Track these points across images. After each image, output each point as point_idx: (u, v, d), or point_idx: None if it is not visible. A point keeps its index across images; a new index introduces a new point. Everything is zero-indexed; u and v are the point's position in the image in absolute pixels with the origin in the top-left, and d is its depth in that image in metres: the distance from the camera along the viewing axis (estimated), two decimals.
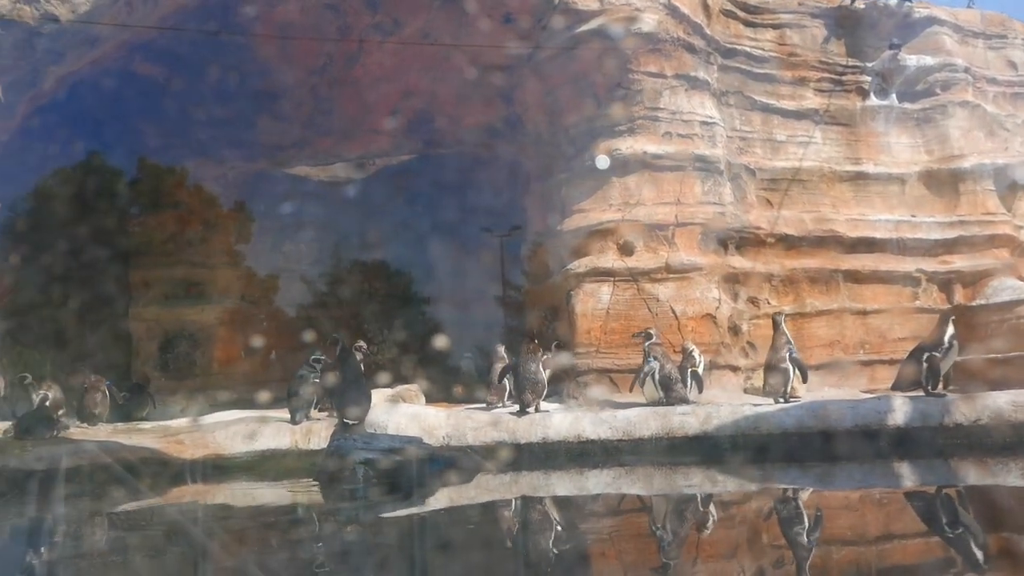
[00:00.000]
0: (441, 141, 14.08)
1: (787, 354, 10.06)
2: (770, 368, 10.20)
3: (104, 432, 9.78)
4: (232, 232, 14.47)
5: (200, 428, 9.58)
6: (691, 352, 10.43)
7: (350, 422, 8.17)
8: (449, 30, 11.53)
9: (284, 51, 11.73)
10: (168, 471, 8.21)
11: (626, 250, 11.67)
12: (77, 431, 9.91)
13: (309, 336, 13.26)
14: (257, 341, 14.39)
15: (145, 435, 9.43)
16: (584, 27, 11.36)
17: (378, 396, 9.94)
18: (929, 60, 14.04)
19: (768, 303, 12.65)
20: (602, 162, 11.45)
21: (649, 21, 11.36)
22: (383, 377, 12.32)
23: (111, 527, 6.54)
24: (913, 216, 13.53)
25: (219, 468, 8.55)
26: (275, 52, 11.76)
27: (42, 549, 5.62)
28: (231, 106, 12.60)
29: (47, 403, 10.16)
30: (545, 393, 9.96)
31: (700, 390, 10.22)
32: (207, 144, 13.33)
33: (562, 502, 7.32)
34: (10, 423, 9.48)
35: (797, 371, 10.08)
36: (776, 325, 10.58)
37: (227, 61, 11.66)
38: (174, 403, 13.12)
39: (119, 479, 7.74)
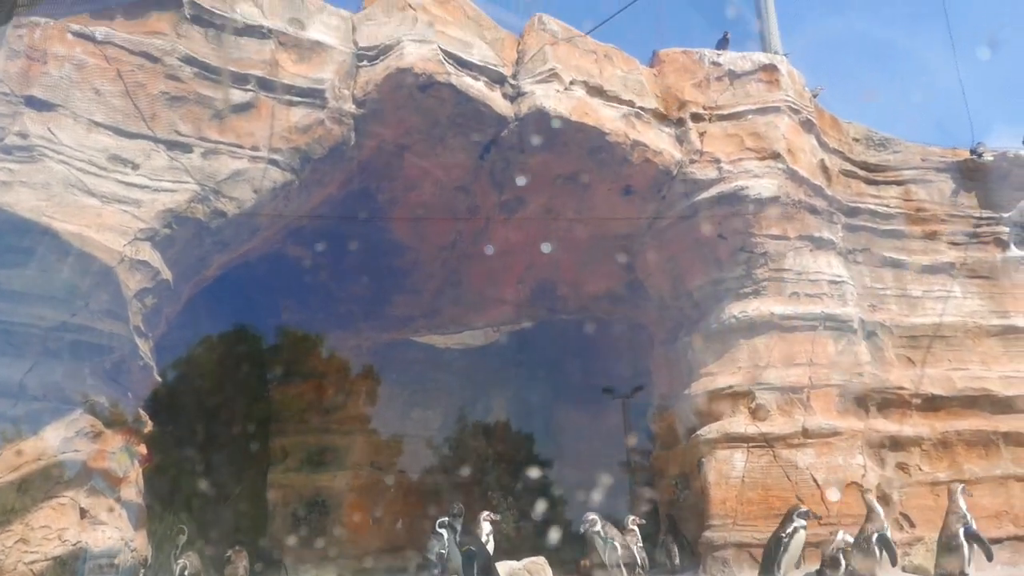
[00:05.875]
0: (564, 308, 14.40)
1: (961, 529, 9.13)
2: (943, 546, 9.26)
3: None
4: (364, 400, 15.00)
5: None
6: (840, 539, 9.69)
7: None
8: (571, 204, 12.09)
9: (418, 229, 12.58)
10: None
11: (759, 414, 11.27)
12: None
13: (435, 505, 13.28)
14: (385, 508, 14.50)
15: None
16: (703, 195, 11.65)
17: (504, 569, 9.68)
18: None
19: (920, 469, 11.76)
20: None
21: (768, 186, 11.53)
22: (508, 548, 12.04)
23: None
24: None
25: None
26: (409, 231, 12.64)
27: None
28: (368, 281, 13.48)
29: (186, 572, 10.46)
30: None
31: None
32: (345, 317, 14.18)
33: None
34: None
35: (977, 548, 9.09)
36: (951, 495, 9.72)
37: (366, 241, 12.59)
38: (305, 571, 13.22)
39: None
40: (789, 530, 9.35)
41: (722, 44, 12.81)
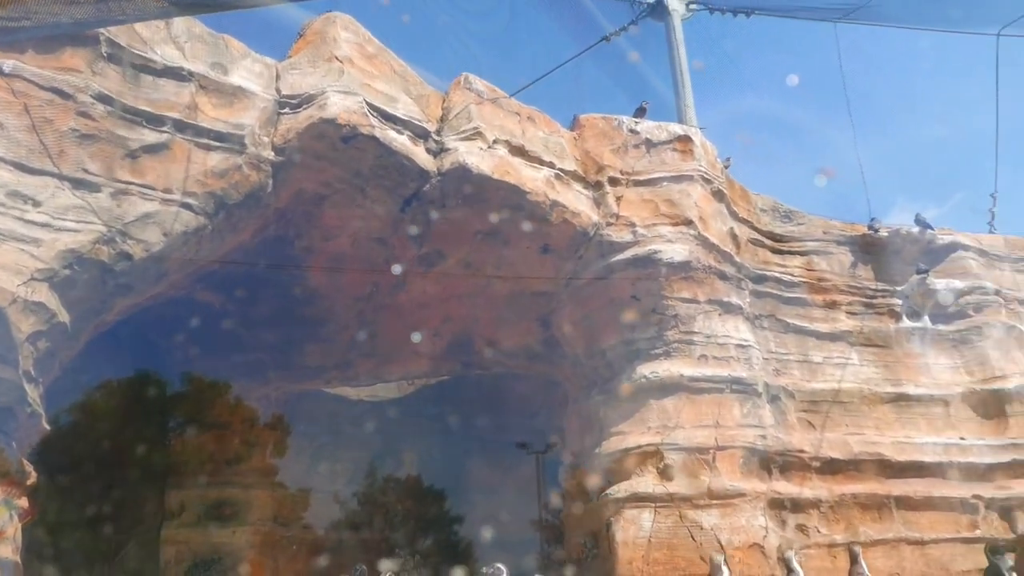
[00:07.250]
0: (480, 362, 14.38)
1: None
2: None
3: None
4: (270, 452, 14.52)
5: None
6: None
7: None
8: (490, 260, 12.19)
9: (333, 280, 12.42)
10: None
11: (666, 474, 11.42)
12: None
13: (339, 563, 12.85)
14: (286, 566, 13.94)
15: None
16: (618, 257, 11.93)
17: None
18: (958, 283, 14.37)
19: (818, 531, 12.08)
20: None
21: (680, 251, 11.91)
22: None
23: None
24: (962, 439, 13.20)
25: None
26: (325, 280, 12.47)
27: None
28: (280, 330, 13.18)
29: None
30: None
31: None
32: (254, 366, 13.77)
33: None
34: None
35: None
36: (853, 557, 10.03)
37: (280, 289, 12.36)
38: None
39: None
40: None
41: (640, 113, 13.32)
